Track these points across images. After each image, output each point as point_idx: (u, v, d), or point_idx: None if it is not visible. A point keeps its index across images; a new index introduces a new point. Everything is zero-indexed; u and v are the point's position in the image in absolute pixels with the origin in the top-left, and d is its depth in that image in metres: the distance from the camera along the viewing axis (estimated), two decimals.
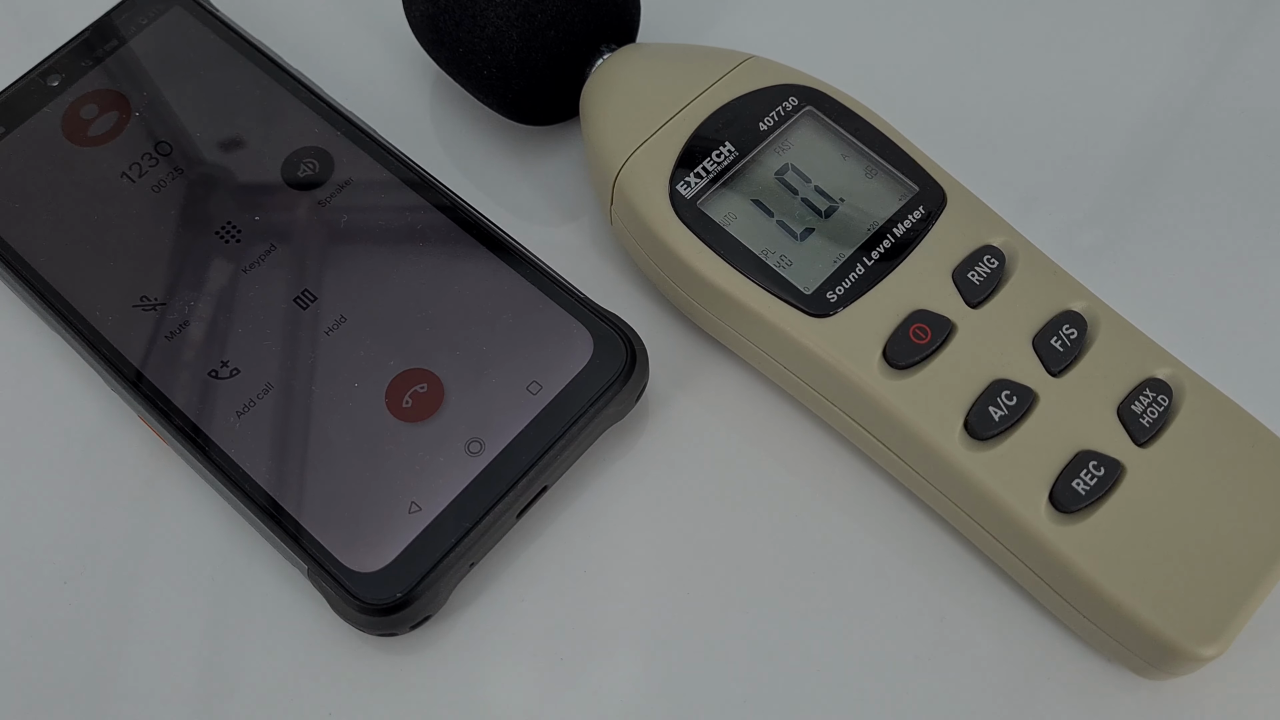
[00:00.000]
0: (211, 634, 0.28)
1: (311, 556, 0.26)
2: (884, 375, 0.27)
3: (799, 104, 0.29)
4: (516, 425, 0.27)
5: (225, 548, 0.28)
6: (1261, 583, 0.25)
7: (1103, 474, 0.26)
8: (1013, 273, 0.28)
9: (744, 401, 0.30)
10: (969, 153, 0.32)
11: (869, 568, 0.28)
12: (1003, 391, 0.26)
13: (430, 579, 0.26)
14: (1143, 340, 0.27)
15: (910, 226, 0.28)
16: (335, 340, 0.29)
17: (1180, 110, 0.34)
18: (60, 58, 0.32)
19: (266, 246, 0.30)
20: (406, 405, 0.28)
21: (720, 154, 0.29)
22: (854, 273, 0.28)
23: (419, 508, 0.27)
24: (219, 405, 0.28)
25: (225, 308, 0.29)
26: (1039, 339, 0.27)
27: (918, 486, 0.28)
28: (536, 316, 0.29)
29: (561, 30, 0.30)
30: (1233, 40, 0.35)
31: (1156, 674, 0.26)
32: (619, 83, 0.30)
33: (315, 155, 0.31)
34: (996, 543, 0.27)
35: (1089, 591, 0.25)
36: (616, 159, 0.29)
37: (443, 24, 0.30)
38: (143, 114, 0.32)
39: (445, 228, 0.30)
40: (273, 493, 0.27)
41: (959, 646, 0.27)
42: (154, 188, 0.31)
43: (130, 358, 0.29)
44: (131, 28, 0.33)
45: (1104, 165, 0.33)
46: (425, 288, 0.29)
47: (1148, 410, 0.26)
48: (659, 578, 0.28)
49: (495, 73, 0.30)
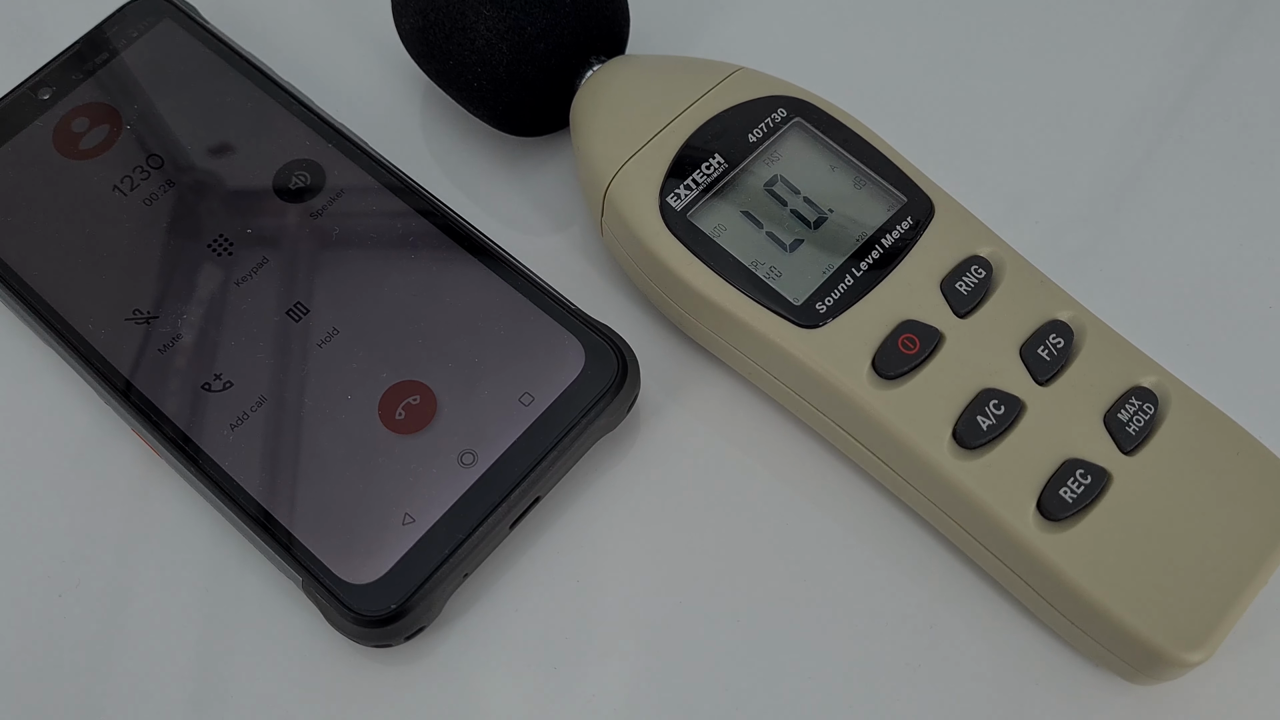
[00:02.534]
0: (205, 647, 0.28)
1: (305, 569, 0.26)
2: (873, 385, 0.27)
3: (788, 115, 0.30)
4: (509, 436, 0.28)
5: (219, 560, 0.28)
6: (1247, 588, 0.25)
7: (1089, 482, 0.26)
8: (1000, 282, 0.28)
9: (734, 412, 0.30)
10: (955, 162, 0.33)
11: (859, 576, 0.28)
12: (991, 401, 0.27)
13: (424, 590, 0.26)
14: (1129, 349, 0.28)
15: (898, 237, 0.28)
16: (328, 352, 0.29)
17: (1164, 117, 0.34)
18: (51, 71, 0.32)
19: (259, 259, 0.30)
20: (399, 417, 0.28)
21: (710, 165, 0.29)
22: (843, 283, 0.28)
23: (412, 519, 0.27)
24: (212, 418, 0.28)
25: (217, 320, 0.29)
26: (1026, 348, 0.27)
27: (907, 495, 0.28)
28: (528, 328, 0.29)
29: (551, 42, 0.30)
30: (1216, 46, 0.35)
31: (1143, 679, 0.26)
32: (609, 94, 0.30)
33: (307, 167, 0.31)
34: (985, 550, 0.27)
35: (1076, 598, 0.25)
36: (607, 170, 0.29)
37: (433, 37, 0.30)
38: (134, 127, 0.32)
39: (437, 239, 0.30)
40: (266, 505, 0.27)
41: (948, 653, 0.28)
42: (146, 201, 0.31)
43: (123, 370, 0.29)
44: (122, 40, 0.33)
45: (1089, 173, 0.33)
46: (417, 299, 0.29)
47: (1134, 419, 0.27)
48: (652, 587, 0.28)
49: (485, 85, 0.30)
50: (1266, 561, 0.25)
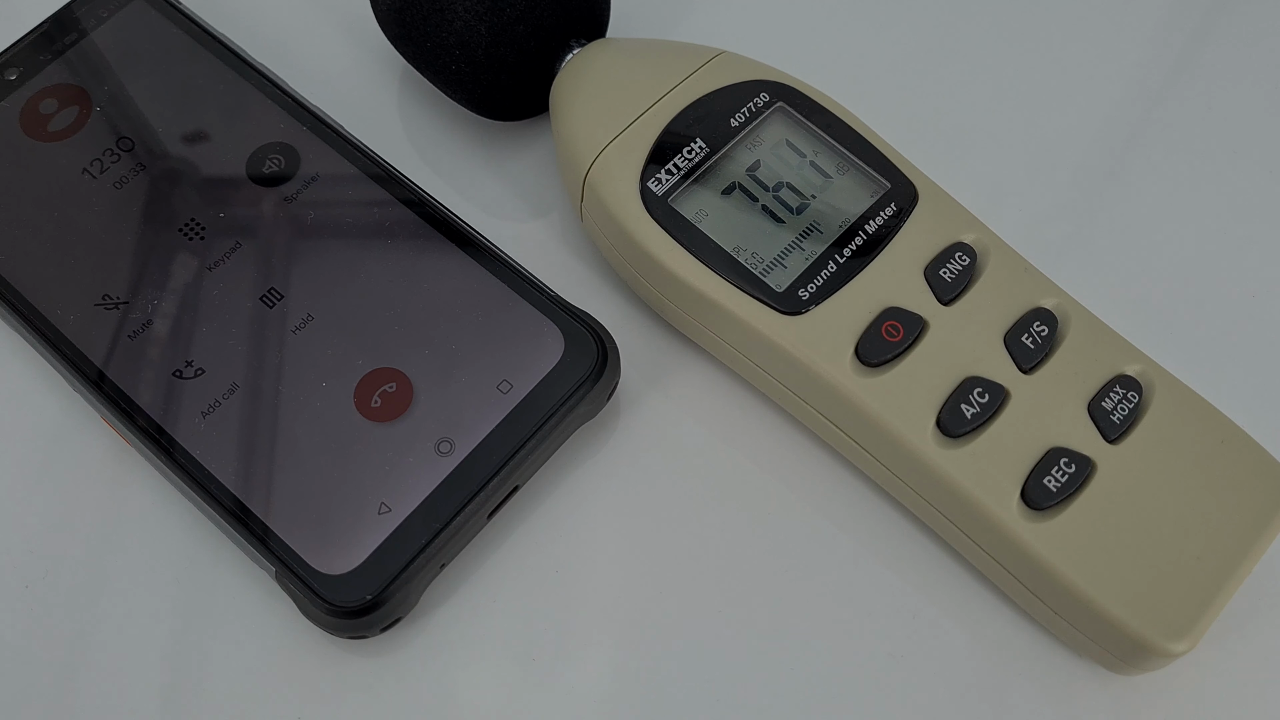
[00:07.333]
0: (177, 638, 0.27)
1: (279, 559, 0.26)
2: (856, 373, 0.27)
3: (770, 100, 0.29)
4: (487, 425, 0.27)
5: (191, 550, 0.28)
6: (1231, 578, 0.25)
7: (1074, 471, 0.26)
8: (984, 270, 0.28)
9: (716, 399, 0.30)
10: (939, 148, 0.33)
11: (841, 565, 0.28)
12: (975, 389, 0.26)
13: (400, 580, 0.26)
14: (1113, 337, 0.27)
15: (882, 224, 0.28)
16: (302, 339, 0.28)
17: (1147, 105, 0.34)
18: (18, 51, 0.32)
19: (231, 244, 0.29)
20: (375, 405, 0.28)
21: (691, 150, 0.28)
22: (826, 270, 0.27)
23: (389, 508, 0.26)
24: (183, 406, 0.28)
25: (189, 306, 0.29)
26: (1010, 336, 0.27)
27: (890, 484, 0.28)
28: (506, 315, 0.29)
29: (530, 25, 0.29)
30: (1197, 36, 0.35)
31: (1127, 669, 0.26)
32: (589, 78, 0.30)
33: (281, 151, 0.31)
34: (969, 540, 0.27)
35: (1060, 588, 0.25)
36: (587, 155, 0.29)
37: (410, 19, 0.30)
38: (104, 109, 0.31)
39: (414, 225, 0.30)
40: (239, 494, 0.27)
41: (931, 643, 0.27)
42: (116, 184, 0.30)
43: (92, 358, 0.28)
44: (92, 20, 0.32)
45: (1074, 160, 0.33)
46: (394, 286, 0.29)
47: (1118, 407, 0.26)
48: (631, 577, 0.28)
49: (463, 68, 0.30)
50: (1250, 551, 0.25)
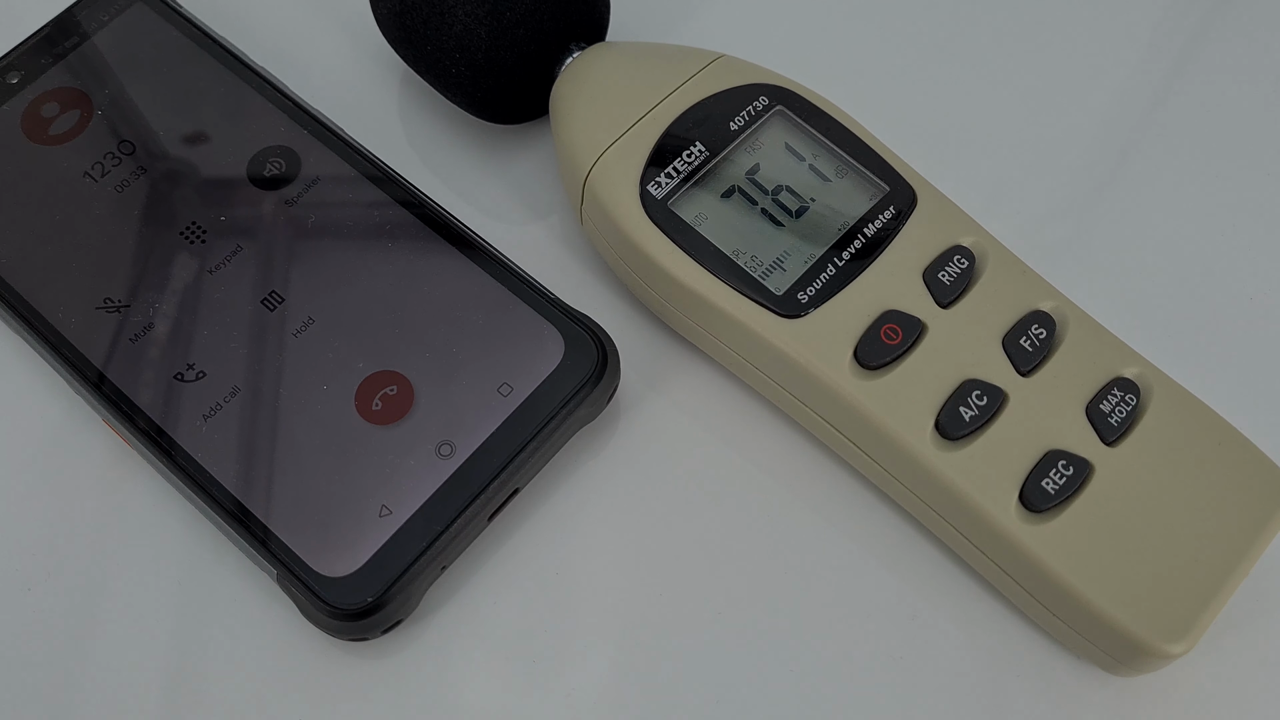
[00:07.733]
0: (179, 641, 0.27)
1: (280, 561, 0.26)
2: (855, 376, 0.27)
3: (769, 103, 0.29)
4: (487, 427, 0.27)
5: (192, 553, 0.28)
6: (1228, 580, 0.25)
7: (1072, 473, 0.26)
8: (982, 273, 0.28)
9: (715, 402, 0.30)
10: (937, 151, 0.33)
11: (840, 567, 0.28)
12: (973, 391, 0.26)
13: (401, 583, 0.26)
14: (1111, 339, 0.28)
15: (881, 226, 0.28)
16: (303, 342, 0.28)
17: (1146, 108, 0.34)
18: (20, 54, 0.32)
19: (233, 247, 0.30)
20: (376, 408, 0.28)
21: (691, 154, 0.29)
22: (825, 273, 0.28)
23: (389, 511, 0.26)
24: (185, 408, 0.28)
25: (191, 309, 0.29)
26: (1009, 339, 0.27)
27: (889, 486, 0.28)
28: (507, 317, 0.29)
29: (530, 28, 0.30)
30: (1195, 37, 0.35)
31: (1125, 671, 0.26)
32: (589, 81, 0.30)
33: (282, 154, 0.31)
34: (967, 542, 0.27)
35: (1058, 589, 0.25)
36: (587, 159, 0.29)
37: (410, 22, 0.30)
38: (105, 112, 0.31)
39: (414, 228, 0.30)
40: (240, 497, 0.27)
41: (930, 644, 0.27)
42: (117, 187, 0.30)
43: (94, 360, 0.28)
44: (93, 24, 0.32)
45: (1072, 162, 0.33)
46: (394, 288, 0.29)
47: (1116, 409, 0.26)
48: (631, 579, 0.28)
49: (464, 71, 0.30)
50: (1248, 553, 0.25)
